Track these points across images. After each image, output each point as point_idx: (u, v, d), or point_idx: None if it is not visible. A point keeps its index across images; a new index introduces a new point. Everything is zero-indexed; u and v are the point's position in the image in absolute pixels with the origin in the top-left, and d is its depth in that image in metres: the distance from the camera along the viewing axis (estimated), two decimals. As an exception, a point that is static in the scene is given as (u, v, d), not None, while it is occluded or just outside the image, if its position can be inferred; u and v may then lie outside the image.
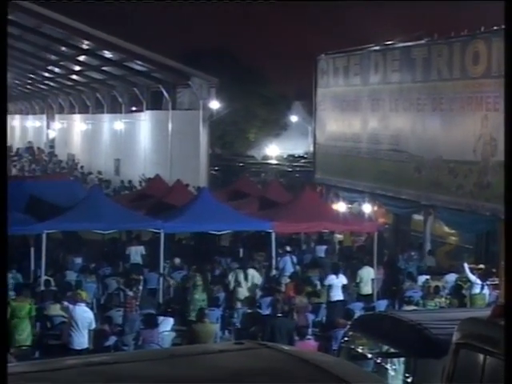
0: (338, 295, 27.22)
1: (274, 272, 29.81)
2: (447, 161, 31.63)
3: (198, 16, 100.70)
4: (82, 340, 22.13)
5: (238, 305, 26.85)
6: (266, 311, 25.22)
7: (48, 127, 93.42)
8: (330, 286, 27.38)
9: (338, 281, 27.52)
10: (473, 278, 26.88)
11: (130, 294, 25.58)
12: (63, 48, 63.07)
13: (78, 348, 21.88)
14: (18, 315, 24.20)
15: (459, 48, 31.35)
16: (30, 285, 27.74)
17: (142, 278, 27.77)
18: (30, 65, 76.02)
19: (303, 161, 64.31)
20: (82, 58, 65.18)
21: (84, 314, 22.37)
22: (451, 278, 28.31)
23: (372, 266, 29.13)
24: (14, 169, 74.12)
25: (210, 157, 54.21)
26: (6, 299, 4.82)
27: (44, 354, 21.70)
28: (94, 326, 22.60)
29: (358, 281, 28.54)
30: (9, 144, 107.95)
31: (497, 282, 27.84)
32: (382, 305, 26.25)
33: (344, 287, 27.65)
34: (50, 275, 28.47)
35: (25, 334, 23.43)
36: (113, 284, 28.33)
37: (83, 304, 22.82)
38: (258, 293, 27.50)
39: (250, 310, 25.61)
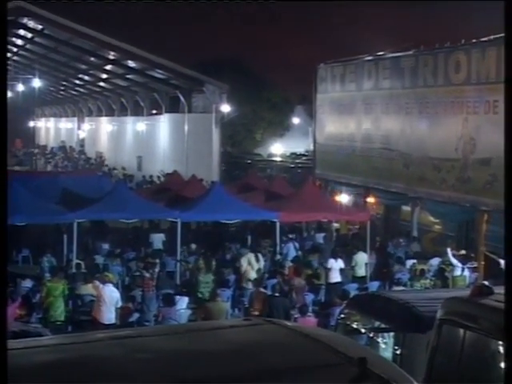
0: (336, 277, 27.25)
1: (278, 257, 29.83)
2: (432, 158, 31.59)
3: (210, 29, 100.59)
4: (110, 316, 22.21)
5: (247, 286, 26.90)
6: (271, 292, 25.24)
7: (78, 128, 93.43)
8: (329, 269, 27.42)
9: (337, 264, 27.57)
10: (454, 261, 26.90)
11: (147, 275, 25.63)
12: (92, 58, 63.09)
13: (106, 323, 21.95)
14: (52, 294, 24.27)
15: (443, 58, 31.31)
16: (63, 267, 27.75)
17: (158, 261, 27.81)
18: (63, 73, 75.99)
19: (304, 158, 64.10)
20: (108, 67, 65.23)
21: (112, 294, 22.45)
22: (435, 261, 28.30)
23: (365, 252, 29.16)
24: (48, 165, 74.22)
25: (222, 154, 54.19)
26: (5, 298, 4.76)
27: (75, 328, 21.72)
28: (120, 304, 22.68)
29: (353, 264, 28.57)
30: (44, 143, 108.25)
31: (476, 266, 27.84)
32: (374, 286, 26.25)
33: (341, 270, 27.69)
34: (80, 259, 28.53)
35: (59, 310, 23.48)
36: (135, 267, 28.40)
37: (111, 284, 22.91)
38: (264, 275, 27.54)
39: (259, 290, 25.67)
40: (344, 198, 38.83)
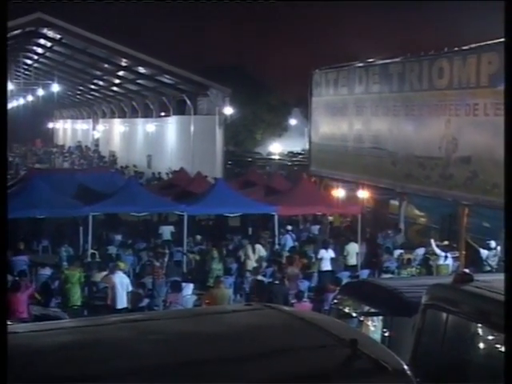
0: (327, 266, 27.26)
1: (276, 247, 29.86)
2: (417, 156, 31.59)
3: (214, 37, 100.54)
4: (122, 300, 22.26)
5: (247, 274, 26.92)
6: (270, 279, 25.27)
7: (93, 129, 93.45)
8: (320, 259, 27.45)
9: (328, 254, 27.58)
10: (438, 251, 26.89)
11: (157, 264, 25.67)
12: (106, 65, 63.13)
13: (119, 307, 22.01)
14: (70, 281, 24.30)
15: (427, 65, 31.30)
16: (80, 257, 27.82)
17: (167, 251, 27.83)
18: (80, 79, 76.05)
19: (301, 156, 64.08)
20: (120, 73, 65.25)
21: (123, 280, 22.49)
22: (421, 251, 28.31)
23: (356, 242, 29.15)
24: (66, 163, 74.18)
25: (225, 153, 54.16)
26: (5, 298, 4.74)
27: (91, 312, 21.75)
28: (130, 288, 22.72)
29: (345, 254, 28.58)
30: (62, 143, 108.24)
31: (457, 255, 27.84)
32: (364, 273, 26.26)
33: (332, 259, 27.70)
34: (95, 249, 28.58)
35: (76, 296, 23.51)
36: (145, 256, 28.42)
37: (121, 272, 22.98)
38: (264, 264, 27.56)
39: (256, 278, 25.70)
40: (337, 193, 38.84)
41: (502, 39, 26.63)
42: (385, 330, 10.85)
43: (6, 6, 5.95)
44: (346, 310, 11.91)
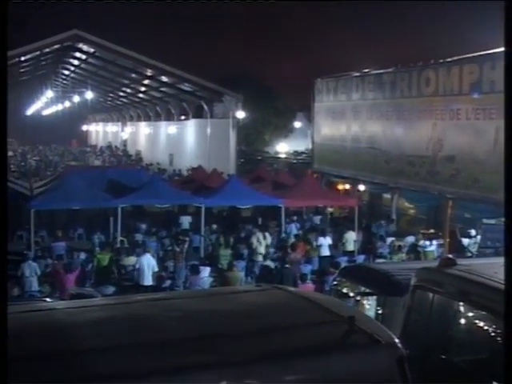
0: (325, 252, 27.25)
1: (283, 235, 29.84)
2: (408, 155, 31.56)
3: (227, 50, 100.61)
4: (148, 279, 22.35)
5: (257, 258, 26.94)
6: (278, 263, 25.26)
7: (122, 131, 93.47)
8: (320, 246, 27.45)
9: (326, 241, 27.59)
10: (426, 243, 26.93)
11: (178, 250, 25.70)
12: (133, 75, 63.12)
13: (146, 284, 22.10)
14: (102, 264, 24.41)
15: (416, 74, 31.25)
16: (110, 243, 27.86)
17: (187, 238, 27.85)
18: (110, 87, 76.06)
19: (304, 155, 63.81)
20: (146, 81, 65.20)
21: (149, 261, 22.56)
22: (410, 239, 28.25)
23: (354, 231, 29.11)
24: (97, 161, 74.22)
25: (237, 152, 54.06)
26: (5, 297, 4.71)
27: (120, 291, 21.76)
28: (156, 269, 22.81)
29: (343, 241, 28.54)
30: (94, 143, 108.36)
31: (442, 242, 27.80)
32: (360, 258, 26.18)
33: (331, 246, 27.70)
34: (123, 236, 28.64)
35: (107, 277, 23.68)
36: (167, 243, 28.42)
37: (148, 254, 23.06)
38: (272, 250, 27.57)
39: (265, 263, 25.71)
40: (337, 188, 38.87)
41: (482, 52, 26.67)
42: (378, 308, 10.85)
43: (7, 6, 5.74)
44: (345, 290, 11.91)
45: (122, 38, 59.99)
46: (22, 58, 55.78)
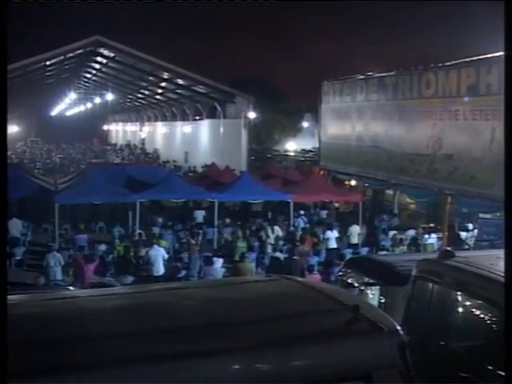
0: (332, 244, 27.25)
1: (291, 228, 29.85)
2: (409, 153, 31.53)
3: (240, 54, 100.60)
4: (158, 269, 22.43)
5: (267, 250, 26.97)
6: (286, 255, 25.27)
7: (140, 131, 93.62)
8: (327, 239, 27.43)
9: (333, 234, 27.58)
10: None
11: (193, 242, 25.77)
12: (150, 77, 63.22)
13: (156, 275, 22.18)
14: (121, 255, 24.49)
15: (417, 77, 31.21)
16: (129, 235, 27.96)
17: (201, 232, 27.91)
18: (129, 89, 76.21)
19: (312, 153, 63.76)
20: (162, 84, 65.29)
21: (157, 252, 22.69)
22: (411, 232, 28.24)
23: (358, 225, 29.13)
24: (117, 159, 74.39)
25: (249, 150, 54.09)
26: (5, 296, 4.74)
27: (138, 280, 21.83)
28: (166, 257, 22.92)
29: (348, 234, 28.55)
30: (114, 142, 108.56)
31: (441, 236, 27.77)
32: (364, 250, 26.21)
33: (337, 239, 27.70)
34: (141, 229, 28.69)
35: (125, 267, 23.78)
36: (182, 236, 28.47)
37: (157, 245, 23.14)
38: (281, 242, 27.58)
39: (275, 254, 25.71)
40: (342, 184, 38.84)
41: (479, 57, 26.58)
42: (381, 297, 10.84)
43: (7, 6, 5.63)
44: (350, 280, 11.90)
45: (141, 43, 60.21)
46: (48, 63, 56.01)
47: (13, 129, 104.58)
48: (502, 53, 24.66)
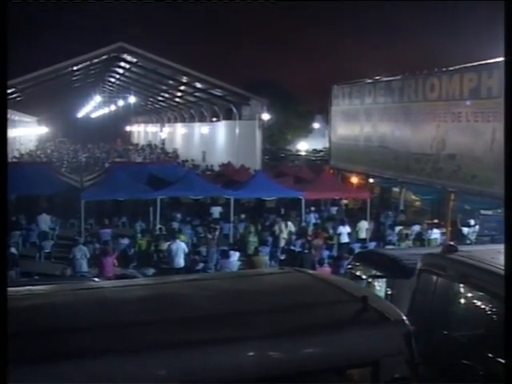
0: (344, 239, 27.22)
1: (303, 224, 29.83)
2: (414, 153, 31.42)
3: (254, 59, 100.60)
4: (179, 262, 22.48)
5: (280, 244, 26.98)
6: (298, 249, 25.27)
7: (160, 131, 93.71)
8: (339, 234, 27.40)
9: (345, 229, 27.52)
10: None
11: (210, 236, 25.81)
12: (170, 81, 63.29)
13: (176, 267, 22.24)
14: (143, 249, 24.56)
15: (421, 81, 31.10)
16: (150, 230, 28.02)
17: (218, 227, 27.93)
18: (150, 92, 76.29)
19: (322, 153, 63.77)
20: (181, 87, 65.37)
21: (179, 246, 22.73)
22: (416, 228, 28.16)
23: (366, 220, 29.06)
24: (139, 158, 74.49)
25: (263, 150, 54.05)
26: (5, 296, 4.80)
27: (159, 272, 21.89)
28: (186, 250, 22.95)
29: (357, 230, 28.48)
30: (136, 142, 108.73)
31: (444, 231, 27.68)
32: (372, 245, 26.17)
33: (348, 234, 27.66)
34: (162, 224, 28.75)
35: (147, 260, 23.84)
36: (200, 230, 28.50)
37: (178, 240, 23.18)
38: (293, 237, 27.57)
39: (287, 248, 25.72)
40: (351, 182, 38.78)
41: (480, 62, 26.50)
42: (388, 289, 10.83)
43: (7, 6, 5.52)
44: (358, 273, 11.90)
45: (161, 49, 60.31)
46: (75, 68, 56.25)
47: (42, 130, 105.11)
48: (502, 58, 24.61)
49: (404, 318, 5.72)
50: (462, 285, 8.66)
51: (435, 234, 26.58)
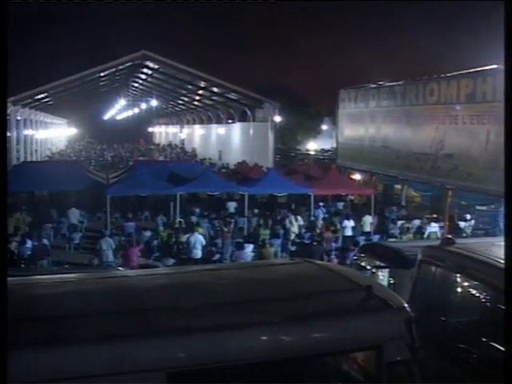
0: (349, 232, 27.18)
1: (312, 218, 29.80)
2: (415, 153, 31.37)
3: (266, 65, 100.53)
4: (197, 253, 22.51)
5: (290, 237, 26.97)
6: (307, 241, 25.25)
7: (180, 132, 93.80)
8: (344, 227, 27.37)
9: (349, 223, 27.49)
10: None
11: (226, 229, 25.81)
12: (189, 86, 63.34)
13: (195, 258, 22.26)
14: (164, 241, 24.61)
15: (422, 86, 31.03)
16: (171, 223, 28.06)
17: (233, 220, 27.94)
18: (171, 96, 76.31)
19: (330, 152, 63.58)
20: (200, 91, 65.42)
21: (196, 239, 22.76)
22: (417, 222, 28.08)
23: (370, 215, 28.99)
24: (160, 156, 74.64)
25: (275, 150, 54.00)
26: (5, 296, 4.86)
27: (179, 263, 21.94)
28: (204, 243, 22.95)
29: (362, 223, 28.37)
30: (158, 142, 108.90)
31: (442, 225, 27.61)
32: (376, 238, 26.11)
33: (353, 227, 27.61)
34: (181, 218, 28.79)
35: (168, 251, 23.90)
36: (217, 224, 28.52)
37: (196, 233, 23.20)
38: (303, 230, 27.56)
39: (297, 241, 25.72)
40: (356, 179, 38.73)
41: (477, 69, 26.41)
42: (390, 278, 10.83)
43: (7, 6, 5.33)
44: (363, 264, 11.89)
45: (182, 57, 60.37)
46: (101, 74, 56.43)
47: (72, 131, 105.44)
48: (495, 65, 24.56)
49: (405, 305, 5.72)
50: (459, 275, 8.66)
51: (434, 227, 26.49)
